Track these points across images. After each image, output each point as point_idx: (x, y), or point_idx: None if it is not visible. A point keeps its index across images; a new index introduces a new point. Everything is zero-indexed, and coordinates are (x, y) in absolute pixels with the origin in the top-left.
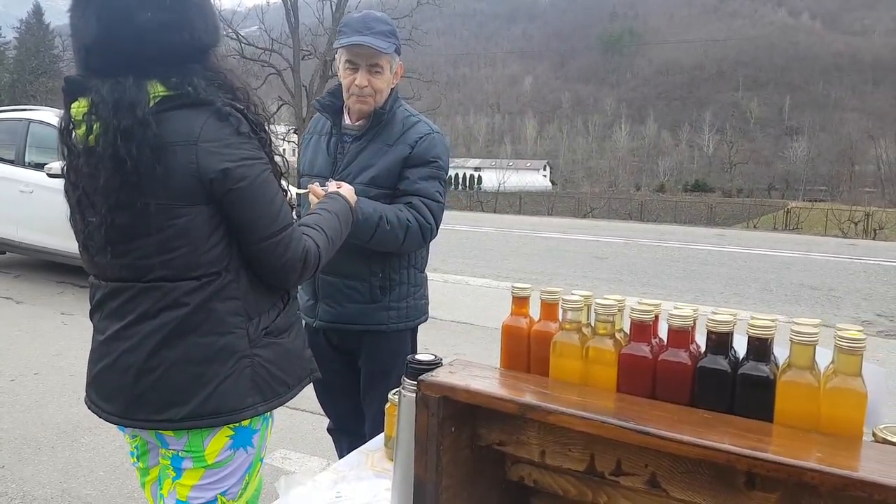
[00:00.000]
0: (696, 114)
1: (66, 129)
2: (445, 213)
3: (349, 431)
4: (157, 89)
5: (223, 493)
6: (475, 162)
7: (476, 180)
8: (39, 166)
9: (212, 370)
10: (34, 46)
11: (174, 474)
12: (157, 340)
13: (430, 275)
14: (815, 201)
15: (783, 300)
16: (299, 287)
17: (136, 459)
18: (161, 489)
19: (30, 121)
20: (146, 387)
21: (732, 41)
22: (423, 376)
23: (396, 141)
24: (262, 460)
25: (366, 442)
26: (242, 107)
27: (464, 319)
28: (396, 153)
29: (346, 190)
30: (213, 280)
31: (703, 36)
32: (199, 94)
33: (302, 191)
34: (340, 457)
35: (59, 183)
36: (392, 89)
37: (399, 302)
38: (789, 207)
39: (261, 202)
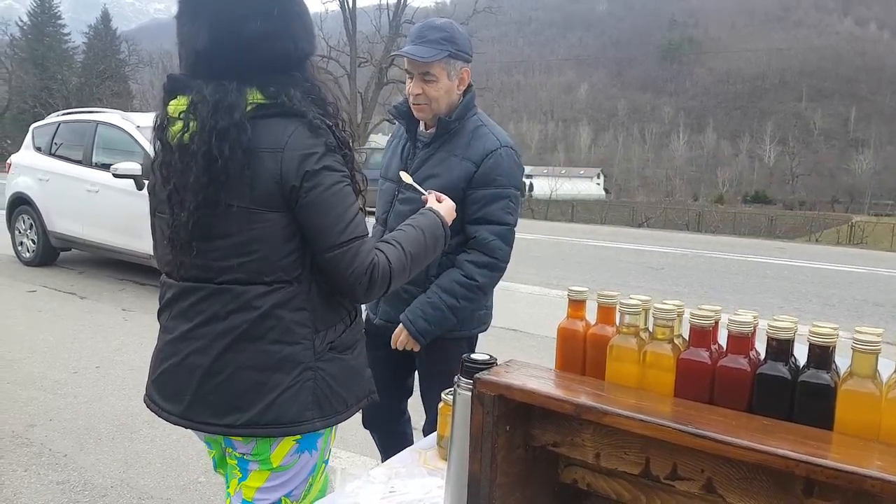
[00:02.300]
0: (757, 124)
1: (161, 126)
2: None
3: (381, 428)
4: (255, 96)
5: (287, 495)
6: (527, 169)
7: (528, 187)
8: (106, 167)
9: (275, 379)
10: (101, 51)
11: (240, 475)
12: (226, 343)
13: None
14: (882, 215)
15: (846, 316)
16: None
17: (219, 468)
18: (228, 488)
19: (98, 122)
20: (210, 389)
21: (796, 51)
22: (480, 374)
23: (463, 152)
24: (326, 462)
25: (397, 435)
26: (332, 123)
27: (514, 326)
28: (462, 168)
29: (444, 207)
30: (283, 287)
31: (766, 45)
32: (293, 105)
33: (408, 180)
34: (379, 447)
35: (124, 183)
36: (463, 98)
37: None
38: (854, 221)
39: (333, 211)
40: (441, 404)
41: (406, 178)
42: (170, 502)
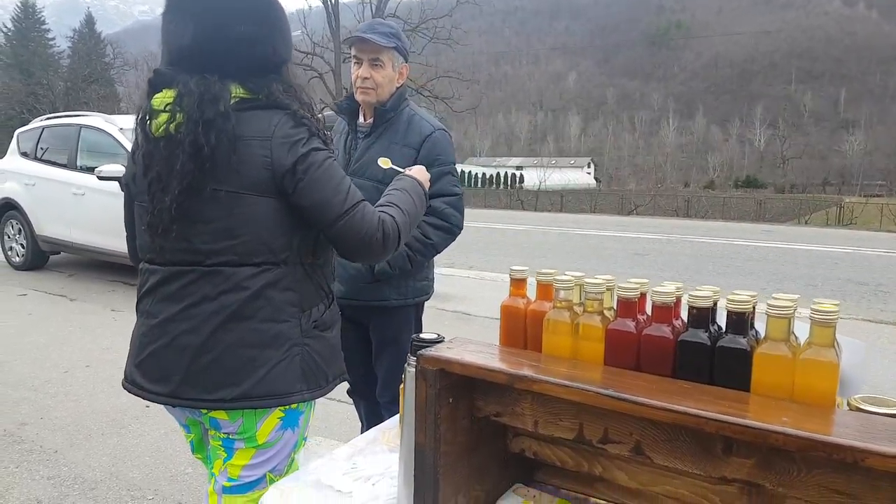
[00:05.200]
0: (746, 108)
1: (143, 119)
2: (484, 212)
3: (365, 395)
4: (237, 90)
5: (271, 471)
6: (517, 161)
7: (518, 179)
8: (90, 170)
9: (265, 354)
10: (86, 55)
11: (225, 455)
12: (218, 322)
13: (464, 272)
14: (872, 196)
15: (828, 295)
16: None
17: (196, 453)
18: (211, 468)
19: (81, 126)
20: (201, 367)
21: (785, 33)
22: (422, 351)
23: (402, 139)
24: (305, 439)
25: (379, 404)
26: (311, 116)
27: (498, 315)
28: (403, 154)
29: (417, 172)
30: (271, 269)
31: (754, 28)
32: (276, 98)
33: (387, 165)
34: (359, 415)
35: (109, 185)
36: (398, 89)
37: (400, 281)
38: (843, 203)
39: (329, 184)
40: (402, 384)
41: (385, 163)
42: (158, 493)
